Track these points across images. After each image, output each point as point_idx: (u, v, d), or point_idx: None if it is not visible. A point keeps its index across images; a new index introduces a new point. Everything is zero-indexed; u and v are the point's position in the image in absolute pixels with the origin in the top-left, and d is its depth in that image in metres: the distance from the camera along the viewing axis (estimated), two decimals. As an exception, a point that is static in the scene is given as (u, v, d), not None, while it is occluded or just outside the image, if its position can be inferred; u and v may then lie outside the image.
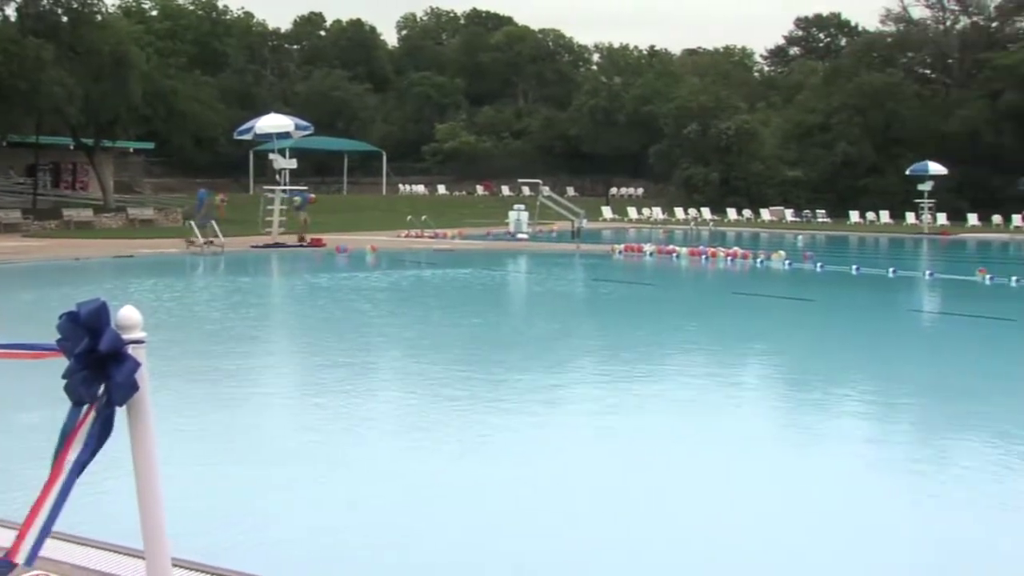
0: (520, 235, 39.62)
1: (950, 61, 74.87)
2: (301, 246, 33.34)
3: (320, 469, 8.29)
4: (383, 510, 7.27)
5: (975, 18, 76.11)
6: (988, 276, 25.90)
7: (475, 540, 6.71)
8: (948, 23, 76.97)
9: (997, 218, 57.51)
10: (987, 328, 18.24)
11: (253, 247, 32.69)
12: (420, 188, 78.35)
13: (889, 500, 7.81)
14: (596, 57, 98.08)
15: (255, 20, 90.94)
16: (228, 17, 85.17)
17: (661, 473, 8.40)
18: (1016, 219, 53.18)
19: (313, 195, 38.15)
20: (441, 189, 79.05)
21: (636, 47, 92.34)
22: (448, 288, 24.04)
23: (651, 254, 32.95)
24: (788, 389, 12.53)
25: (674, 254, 32.70)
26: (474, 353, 14.38)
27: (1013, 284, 25.24)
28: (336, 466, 8.44)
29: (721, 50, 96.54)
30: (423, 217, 39.59)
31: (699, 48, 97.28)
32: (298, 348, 15.35)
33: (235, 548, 6.14)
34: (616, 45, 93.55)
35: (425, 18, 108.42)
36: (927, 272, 28.33)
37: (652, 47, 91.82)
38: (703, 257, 31.70)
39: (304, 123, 37.04)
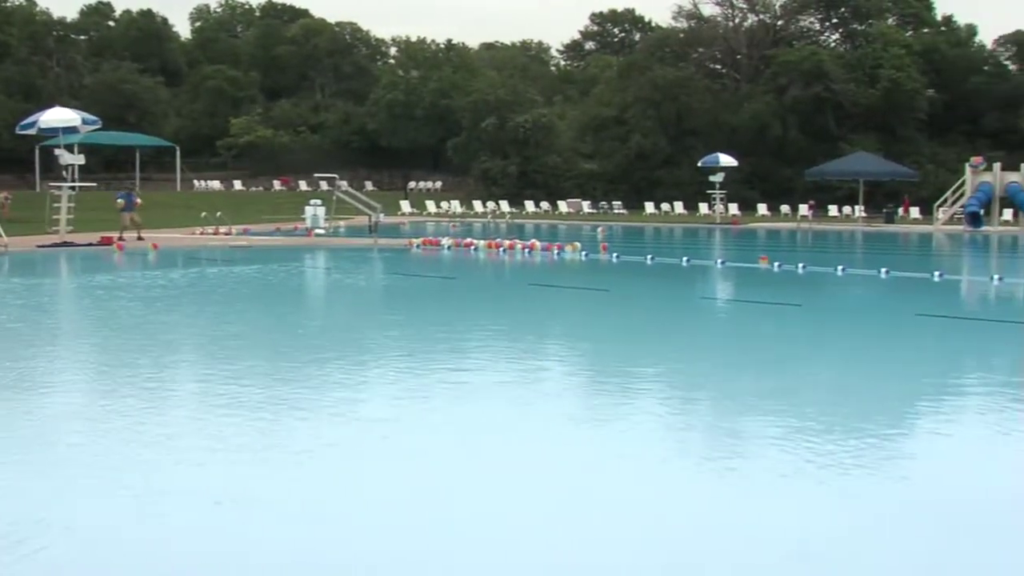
0: (317, 231, 38.77)
1: (739, 57, 77.14)
2: (93, 245, 31.89)
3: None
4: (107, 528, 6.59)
5: (762, 16, 78.68)
6: (777, 264, 26.50)
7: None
8: (737, 20, 79.37)
9: (785, 208, 59.50)
10: (776, 313, 18.48)
11: (40, 247, 30.95)
12: (216, 184, 76.25)
13: (675, 487, 7.56)
14: (394, 51, 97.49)
15: (39, 8, 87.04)
16: (9, 5, 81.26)
17: (435, 466, 7.95)
18: (803, 208, 54.93)
19: (139, 198, 36.60)
20: (237, 185, 77.22)
21: (434, 41, 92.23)
22: (236, 285, 23.14)
23: (449, 248, 32.63)
24: (578, 377, 12.29)
25: (472, 247, 32.46)
26: (241, 353, 13.64)
27: (800, 271, 25.87)
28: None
29: (518, 44, 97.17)
30: (218, 213, 38.31)
31: (496, 42, 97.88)
32: (38, 351, 14.13)
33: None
34: (413, 39, 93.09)
35: (219, 10, 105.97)
36: (719, 261, 28.90)
37: (450, 41, 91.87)
38: (501, 250, 31.53)
39: (92, 118, 35.43)
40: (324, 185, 57.28)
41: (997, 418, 10.20)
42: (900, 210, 59.15)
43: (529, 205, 63.22)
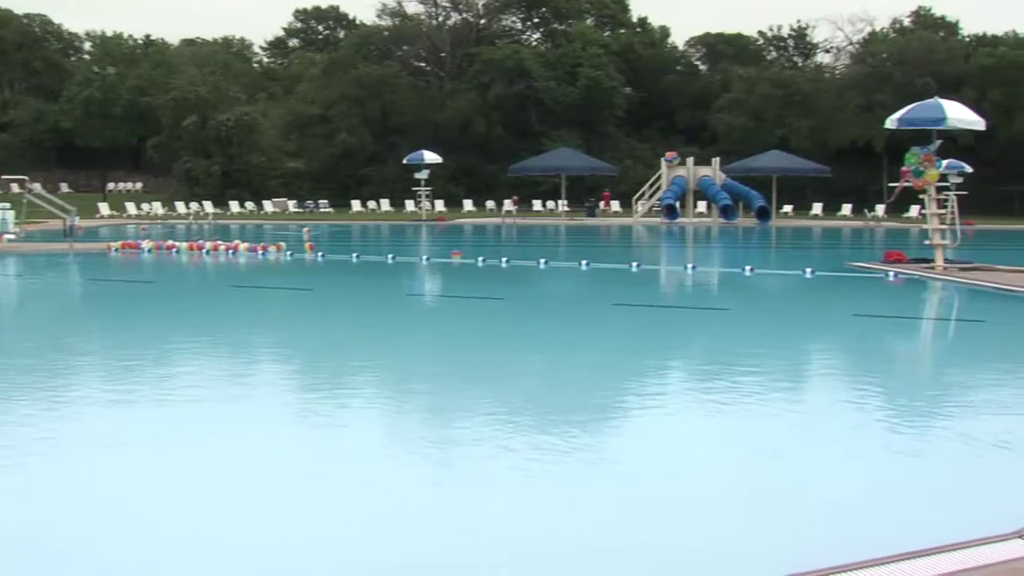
0: (7, 236, 36.26)
1: (443, 55, 77.71)
2: None
3: None
4: None
5: (465, 15, 79.56)
6: (481, 259, 26.62)
7: None
8: (440, 19, 79.93)
9: (491, 203, 60.28)
10: (479, 307, 18.44)
11: None
12: None
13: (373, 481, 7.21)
14: (88, 46, 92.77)
15: None
16: None
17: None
18: (507, 203, 55.71)
19: None
20: (-81, 187, 71.80)
21: (131, 36, 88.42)
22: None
23: (150, 251, 31.17)
24: (283, 375, 11.79)
25: (175, 250, 31.13)
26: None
27: (504, 265, 26.06)
28: None
29: (220, 41, 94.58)
30: None
31: (197, 38, 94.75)
32: None
33: None
34: (110, 33, 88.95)
35: None
36: (424, 257, 28.80)
37: (148, 36, 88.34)
38: (204, 251, 30.39)
39: None
40: (15, 188, 53.86)
41: (686, 400, 10.41)
42: (602, 204, 60.99)
43: (234, 205, 61.47)
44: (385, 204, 61.69)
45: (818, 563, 5.26)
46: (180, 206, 59.93)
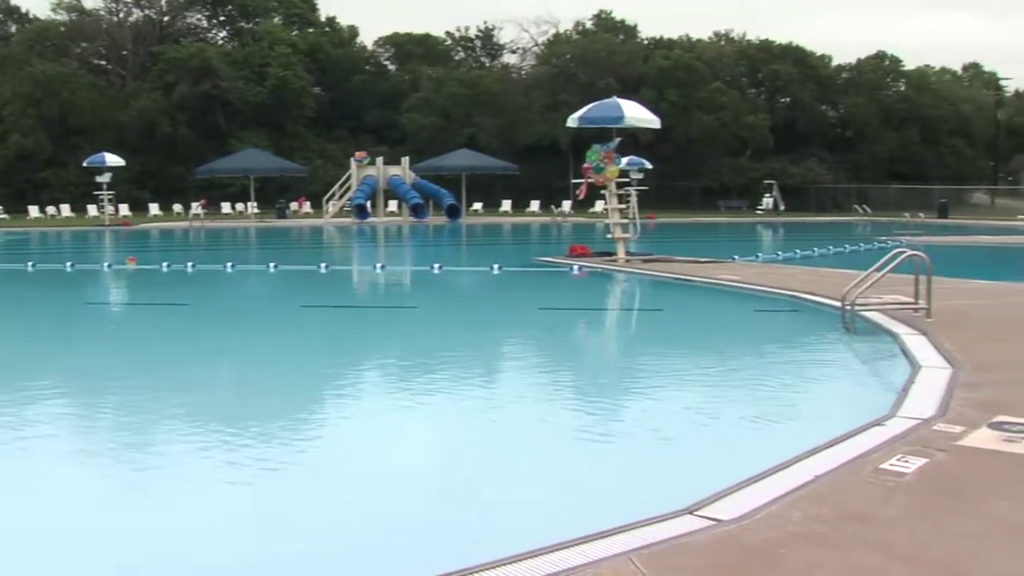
0: None
1: (125, 53, 74.94)
2: None
3: None
4: None
5: (148, 12, 77.04)
6: (167, 264, 26.06)
7: None
8: (122, 15, 77.02)
9: (178, 206, 58.75)
10: (164, 314, 18.15)
11: None
12: None
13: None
14: None
15: None
16: None
17: None
18: (195, 206, 54.44)
19: None
20: None
21: None
22: None
23: None
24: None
25: None
26: None
27: (190, 270, 25.59)
28: None
29: None
30: None
31: None
32: None
33: None
34: None
35: None
36: (107, 264, 27.93)
37: None
38: None
39: None
40: None
41: (373, 399, 10.72)
42: (294, 205, 60.55)
43: None
44: (66, 209, 58.90)
45: (494, 553, 5.48)
46: None
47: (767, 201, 63.40)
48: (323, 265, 26.38)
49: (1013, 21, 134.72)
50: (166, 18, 77.43)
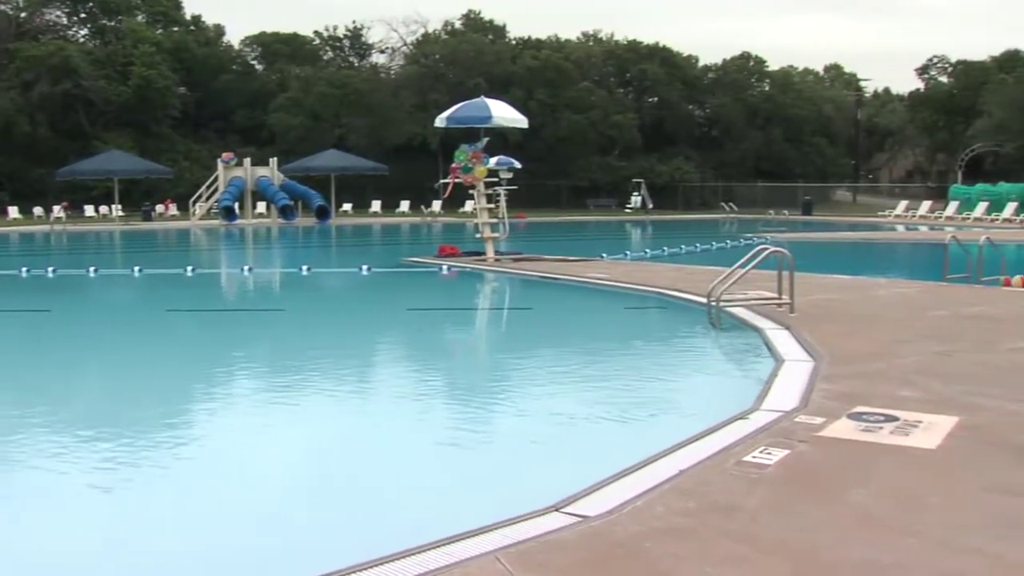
0: None
1: (-21, 50, 72.61)
2: None
3: None
4: None
5: (4, 7, 74.70)
6: (25, 269, 25.26)
7: None
8: (-24, 11, 74.62)
9: (39, 210, 57.08)
10: (20, 321, 17.61)
11: None
12: None
13: None
14: None
15: None
16: None
17: None
18: (56, 209, 53.04)
19: None
20: None
21: None
22: None
23: None
24: None
25: None
26: None
27: (51, 275, 24.88)
28: None
29: None
30: None
31: None
32: None
33: None
34: None
35: None
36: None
37: None
38: None
39: None
40: None
41: (241, 402, 10.55)
42: (160, 207, 59.36)
43: None
44: (-81, 214, 56.84)
45: (360, 556, 5.41)
46: None
47: (635, 199, 64.35)
48: (190, 268, 25.91)
49: (873, 23, 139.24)
50: (23, 14, 75.16)
